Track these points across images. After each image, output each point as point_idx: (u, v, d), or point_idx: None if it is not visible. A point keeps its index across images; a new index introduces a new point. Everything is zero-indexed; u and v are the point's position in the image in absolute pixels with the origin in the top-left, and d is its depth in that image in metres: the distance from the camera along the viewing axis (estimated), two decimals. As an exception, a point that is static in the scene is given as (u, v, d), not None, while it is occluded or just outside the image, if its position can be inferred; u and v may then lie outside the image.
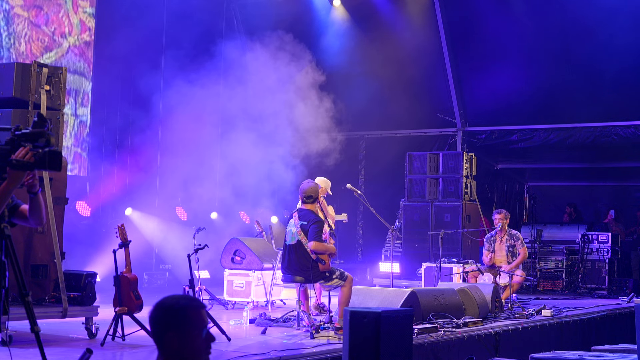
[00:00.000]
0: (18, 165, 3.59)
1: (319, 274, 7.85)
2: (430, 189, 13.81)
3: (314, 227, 7.83)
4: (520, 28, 14.78)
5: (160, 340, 2.94)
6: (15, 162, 3.59)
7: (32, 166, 3.63)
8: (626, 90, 14.16)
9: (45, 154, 3.61)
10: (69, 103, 12.38)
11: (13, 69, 7.20)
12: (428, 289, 9.35)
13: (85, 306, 7.19)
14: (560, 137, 15.12)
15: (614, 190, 17.89)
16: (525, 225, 15.59)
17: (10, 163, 3.59)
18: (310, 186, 8.15)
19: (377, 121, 16.25)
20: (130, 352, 6.62)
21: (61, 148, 7.53)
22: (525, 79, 14.97)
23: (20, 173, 3.63)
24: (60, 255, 7.15)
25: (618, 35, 13.93)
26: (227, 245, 10.55)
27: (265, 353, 6.40)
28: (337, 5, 15.86)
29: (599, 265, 14.09)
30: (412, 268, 13.17)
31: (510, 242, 11.14)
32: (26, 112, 7.14)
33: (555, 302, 11.53)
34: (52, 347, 6.36)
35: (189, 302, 2.97)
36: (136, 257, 8.57)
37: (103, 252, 10.94)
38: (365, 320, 5.67)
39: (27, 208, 3.96)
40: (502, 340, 8.25)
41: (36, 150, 3.61)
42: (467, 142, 15.67)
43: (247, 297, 10.15)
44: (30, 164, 3.61)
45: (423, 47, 15.62)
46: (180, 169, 13.24)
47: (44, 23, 12.17)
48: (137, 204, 13.39)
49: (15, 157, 3.59)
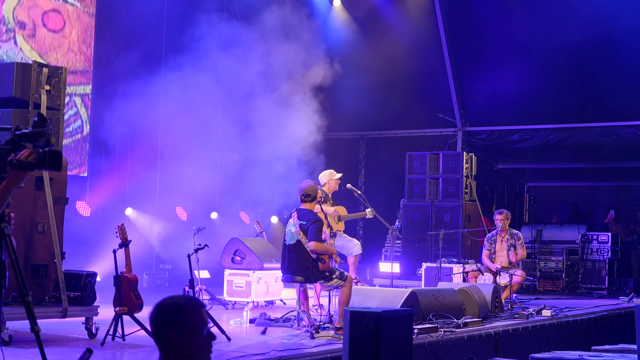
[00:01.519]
0: (19, 165, 3.59)
1: (318, 274, 7.84)
2: (430, 189, 13.81)
3: (313, 226, 7.82)
4: (520, 28, 14.79)
5: (161, 340, 2.94)
6: (16, 162, 3.59)
7: (33, 166, 3.63)
8: (626, 90, 14.17)
9: (46, 154, 3.61)
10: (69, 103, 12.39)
11: (13, 68, 7.19)
12: (428, 289, 9.35)
13: (85, 306, 7.19)
14: (560, 137, 15.13)
15: (614, 190, 17.89)
16: (525, 225, 15.59)
17: (11, 163, 3.59)
18: (309, 185, 8.15)
19: (377, 121, 16.26)
20: (130, 352, 6.62)
21: (61, 148, 7.52)
22: (525, 79, 14.97)
23: (21, 173, 3.63)
24: (60, 255, 7.15)
25: (618, 35, 13.94)
26: (227, 245, 10.55)
27: (265, 353, 6.40)
28: (337, 5, 15.87)
29: (599, 265, 14.09)
30: (412, 268, 13.16)
31: (512, 241, 11.14)
32: (26, 112, 7.14)
33: (555, 302, 11.52)
34: (52, 347, 6.36)
35: (188, 301, 2.98)
36: (136, 257, 8.57)
37: (103, 252, 10.93)
38: (365, 320, 5.67)
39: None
40: (502, 340, 8.25)
41: (37, 150, 3.62)
42: (467, 142, 15.68)
43: (247, 297, 10.14)
44: (32, 164, 3.61)
45: (423, 47, 15.64)
46: (180, 169, 13.24)
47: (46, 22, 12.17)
48: (137, 204, 13.39)
49: (16, 158, 3.60)
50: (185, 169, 13.29)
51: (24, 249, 7.01)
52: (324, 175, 9.93)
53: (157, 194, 13.83)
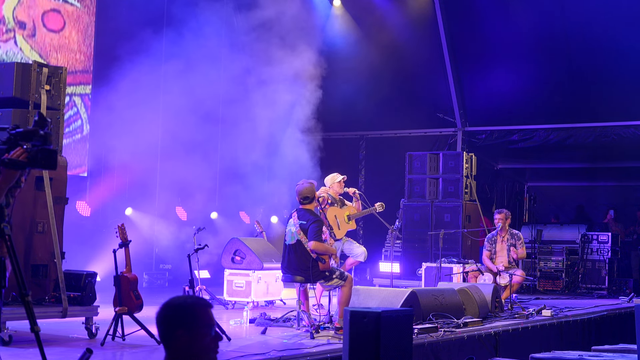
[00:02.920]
0: (10, 163, 3.60)
1: (319, 273, 7.84)
2: (430, 189, 13.81)
3: (313, 226, 7.83)
4: (520, 28, 14.78)
5: (169, 339, 2.93)
6: (8, 161, 3.60)
7: (25, 165, 3.63)
8: (626, 90, 14.17)
9: (38, 152, 3.61)
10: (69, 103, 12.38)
11: (13, 68, 7.19)
12: (428, 289, 9.34)
13: (85, 306, 7.19)
14: (560, 137, 15.13)
15: (614, 190, 17.89)
16: (525, 225, 15.59)
17: (3, 161, 3.60)
18: (306, 187, 8.14)
19: (377, 121, 16.25)
20: (130, 352, 6.62)
21: (61, 148, 7.52)
22: (525, 79, 14.97)
23: (13, 172, 3.64)
24: (60, 255, 7.15)
25: (618, 35, 13.94)
26: (227, 245, 10.55)
27: (265, 353, 6.40)
28: (337, 5, 15.87)
29: (599, 265, 14.09)
30: (412, 268, 13.17)
31: (512, 241, 11.14)
32: (26, 112, 7.14)
33: (555, 302, 11.52)
34: (52, 347, 6.36)
35: (197, 301, 2.98)
36: (136, 257, 8.57)
37: (103, 252, 10.93)
38: (365, 320, 5.66)
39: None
40: (502, 340, 8.25)
41: (31, 149, 3.62)
42: (467, 142, 15.68)
43: (247, 297, 10.14)
44: (23, 162, 3.62)
45: (423, 47, 15.64)
46: (180, 169, 13.23)
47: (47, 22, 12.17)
48: (137, 204, 13.39)
49: (9, 157, 3.60)
50: (185, 169, 13.28)
51: (24, 249, 7.01)
52: (327, 179, 9.93)
53: (157, 194, 13.83)
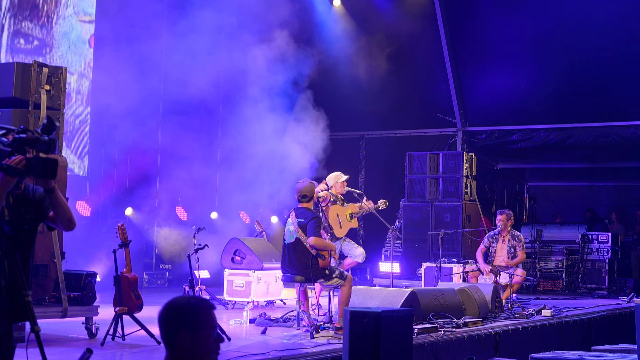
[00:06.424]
0: (8, 170, 3.51)
1: (318, 271, 7.84)
2: (430, 189, 13.81)
3: (312, 222, 7.85)
4: (520, 28, 14.78)
5: (172, 340, 2.92)
6: (6, 167, 3.51)
7: (22, 173, 3.53)
8: (626, 91, 14.17)
9: (38, 161, 3.51)
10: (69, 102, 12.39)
11: (13, 68, 7.19)
12: (428, 289, 9.34)
13: (85, 306, 7.20)
14: (560, 137, 15.13)
15: (614, 190, 17.88)
16: (525, 225, 15.58)
17: (1, 167, 3.51)
18: (305, 185, 8.16)
19: (377, 121, 16.25)
20: (130, 352, 6.62)
21: (61, 148, 7.52)
22: (525, 79, 14.97)
23: (9, 178, 3.56)
24: (60, 255, 7.15)
25: (618, 35, 13.94)
26: (227, 245, 10.55)
27: (265, 353, 6.40)
28: (337, 5, 15.87)
29: (599, 265, 14.09)
30: (412, 268, 13.17)
31: (513, 242, 11.12)
32: (26, 112, 7.14)
33: (555, 302, 11.52)
34: (52, 347, 6.36)
35: (200, 302, 2.96)
36: (136, 257, 8.57)
37: (103, 252, 10.94)
38: (365, 320, 5.66)
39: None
40: (502, 340, 8.25)
41: (31, 158, 3.53)
42: (467, 142, 15.68)
43: (247, 297, 10.14)
44: (20, 170, 3.52)
45: (423, 47, 15.63)
46: (180, 169, 13.23)
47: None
48: (137, 204, 13.39)
49: (7, 163, 3.52)
50: (185, 169, 13.28)
51: (24, 249, 6.99)
52: (329, 178, 9.84)
53: (157, 194, 13.83)
